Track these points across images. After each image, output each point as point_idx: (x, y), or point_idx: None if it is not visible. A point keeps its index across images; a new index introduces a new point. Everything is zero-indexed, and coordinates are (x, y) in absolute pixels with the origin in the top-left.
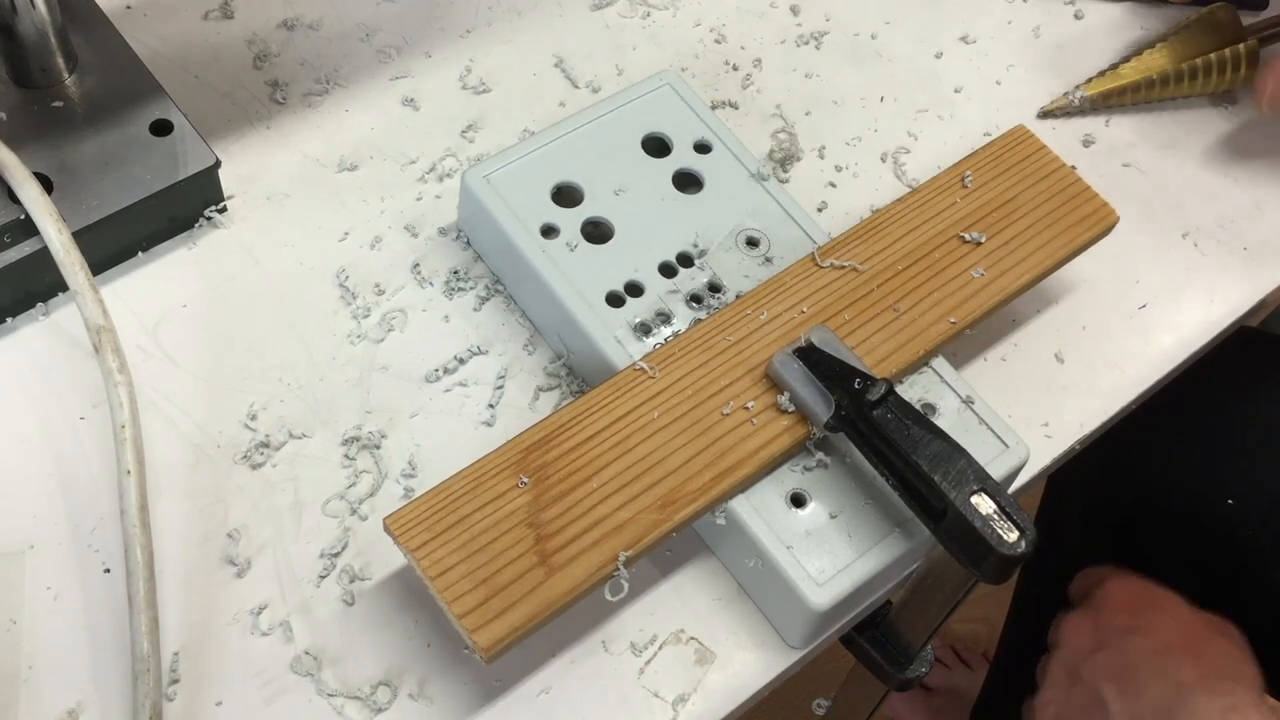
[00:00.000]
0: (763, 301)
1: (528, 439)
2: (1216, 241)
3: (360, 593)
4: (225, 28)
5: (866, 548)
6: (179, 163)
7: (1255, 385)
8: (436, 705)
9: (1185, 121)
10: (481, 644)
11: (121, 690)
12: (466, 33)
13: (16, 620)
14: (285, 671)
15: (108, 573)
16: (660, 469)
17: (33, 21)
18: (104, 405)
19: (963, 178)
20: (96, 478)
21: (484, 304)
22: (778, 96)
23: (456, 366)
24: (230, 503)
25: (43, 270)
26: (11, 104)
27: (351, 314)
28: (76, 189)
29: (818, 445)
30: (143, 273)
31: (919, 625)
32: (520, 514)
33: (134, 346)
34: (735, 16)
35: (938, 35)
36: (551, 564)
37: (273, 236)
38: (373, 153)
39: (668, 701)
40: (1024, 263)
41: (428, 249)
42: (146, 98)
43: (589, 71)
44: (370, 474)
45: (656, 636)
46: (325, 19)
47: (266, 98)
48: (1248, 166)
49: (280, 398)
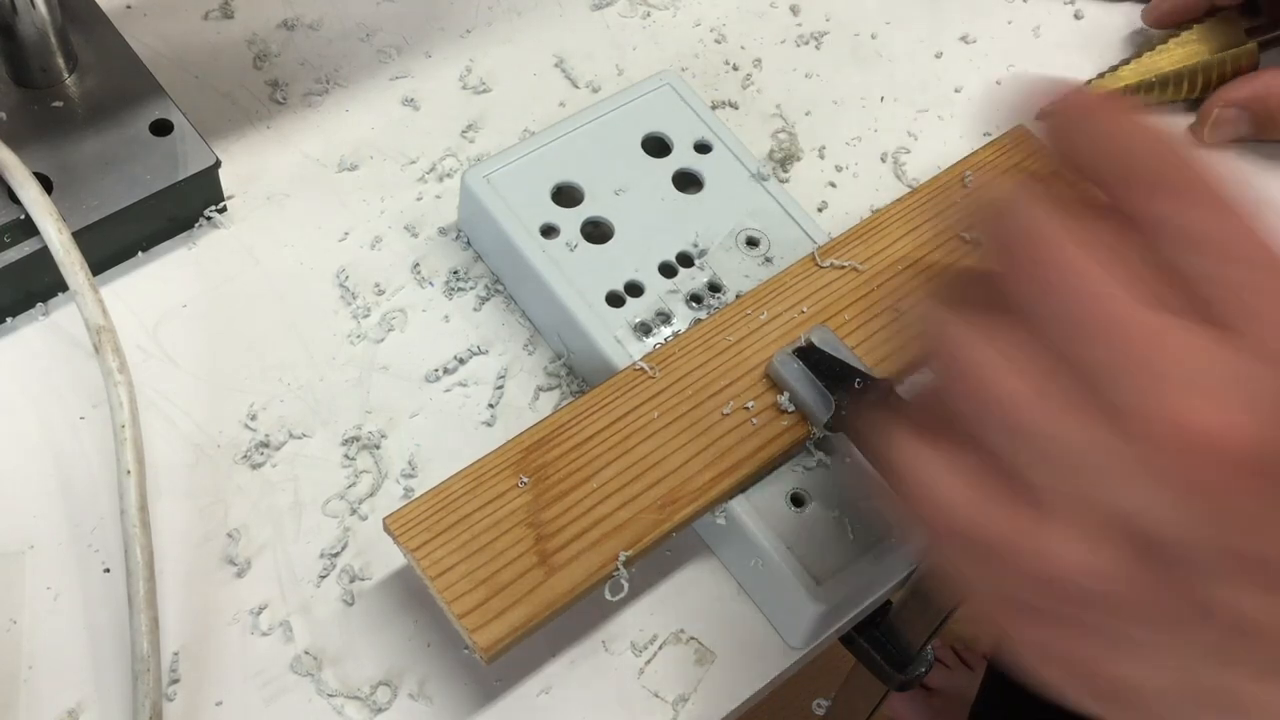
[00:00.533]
0: (763, 301)
1: (528, 439)
2: None
3: (360, 593)
4: (225, 28)
5: (866, 548)
6: (179, 163)
7: None
8: (436, 705)
9: (1185, 121)
10: (481, 644)
11: (121, 690)
12: (466, 33)
13: (16, 620)
14: (285, 671)
15: (108, 573)
16: (660, 469)
17: (33, 21)
18: (104, 405)
19: (963, 178)
20: (96, 478)
21: (484, 304)
22: (778, 96)
23: (456, 366)
24: (230, 503)
25: (43, 270)
26: (11, 104)
27: (351, 314)
28: (76, 189)
29: (818, 445)
30: (143, 273)
31: (919, 625)
32: (520, 514)
33: (134, 346)
34: (735, 16)
35: (938, 35)
36: (551, 564)
37: (273, 236)
38: (373, 153)
39: (668, 702)
40: None
41: (428, 249)
42: (146, 98)
43: (589, 71)
44: (370, 474)
45: (656, 636)
46: (325, 19)
47: (266, 98)
48: (1248, 167)
49: (280, 398)
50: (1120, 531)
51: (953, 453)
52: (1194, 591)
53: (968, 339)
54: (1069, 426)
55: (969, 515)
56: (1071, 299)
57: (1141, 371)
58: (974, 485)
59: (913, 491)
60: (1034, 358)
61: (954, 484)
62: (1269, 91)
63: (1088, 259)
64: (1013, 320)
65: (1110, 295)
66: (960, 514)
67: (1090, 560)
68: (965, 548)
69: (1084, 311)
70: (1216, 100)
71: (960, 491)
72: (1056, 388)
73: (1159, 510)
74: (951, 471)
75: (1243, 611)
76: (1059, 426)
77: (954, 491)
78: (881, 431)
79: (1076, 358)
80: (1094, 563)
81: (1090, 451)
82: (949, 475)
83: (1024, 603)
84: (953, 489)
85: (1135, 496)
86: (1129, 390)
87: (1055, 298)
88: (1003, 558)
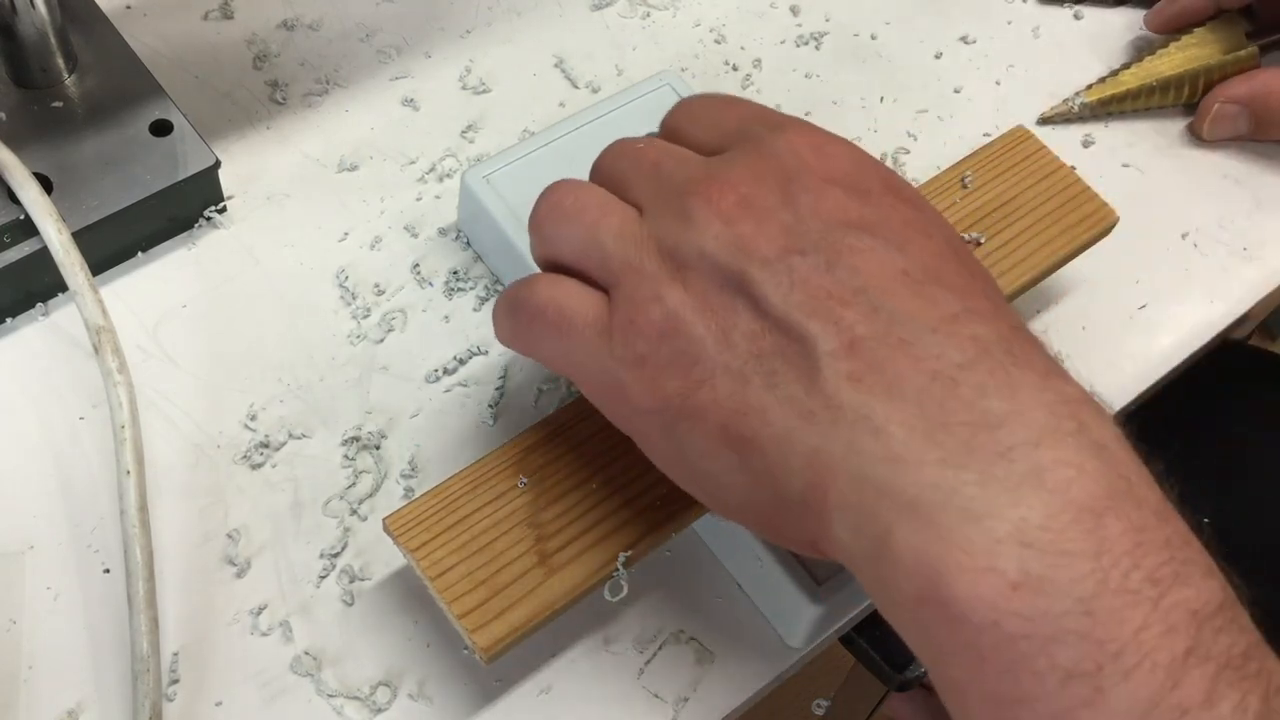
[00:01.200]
0: None
1: (528, 439)
2: (1216, 241)
3: (360, 593)
4: (225, 28)
5: None
6: (179, 163)
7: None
8: (436, 705)
9: (1185, 121)
10: (481, 644)
11: (121, 690)
12: (466, 33)
13: (16, 620)
14: (285, 671)
15: (108, 573)
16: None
17: (33, 21)
18: (104, 405)
19: (962, 178)
20: (96, 478)
21: (484, 304)
22: (778, 96)
23: (457, 366)
24: (230, 503)
25: (43, 270)
26: (11, 104)
27: (351, 314)
28: (76, 189)
29: None
30: (143, 273)
31: None
32: (520, 514)
33: (134, 346)
34: (735, 16)
35: (938, 35)
36: (551, 564)
37: (273, 236)
38: (373, 153)
39: (668, 702)
40: (1024, 263)
41: (428, 249)
42: (146, 98)
43: (589, 71)
44: (370, 474)
45: (656, 636)
46: (325, 19)
47: (266, 98)
48: (1248, 166)
49: (280, 398)
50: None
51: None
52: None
53: (616, 149)
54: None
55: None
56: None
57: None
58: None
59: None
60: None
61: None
62: (1269, 90)
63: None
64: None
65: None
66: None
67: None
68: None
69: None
70: (1216, 96)
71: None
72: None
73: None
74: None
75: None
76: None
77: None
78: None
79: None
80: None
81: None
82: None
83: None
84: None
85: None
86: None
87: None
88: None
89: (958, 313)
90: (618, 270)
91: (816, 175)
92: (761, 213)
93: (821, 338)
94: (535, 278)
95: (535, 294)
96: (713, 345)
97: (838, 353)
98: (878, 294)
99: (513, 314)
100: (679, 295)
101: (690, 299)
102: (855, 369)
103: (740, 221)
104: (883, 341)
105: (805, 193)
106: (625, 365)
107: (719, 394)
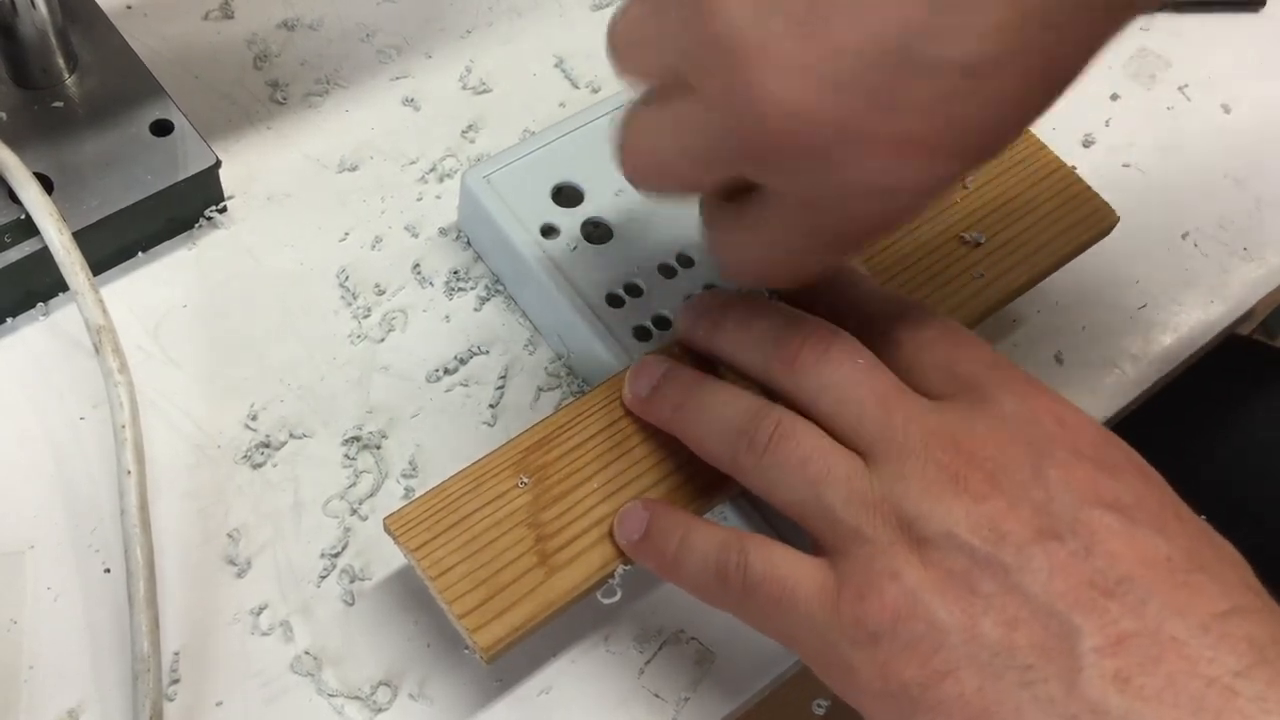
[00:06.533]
0: None
1: (528, 439)
2: (1216, 241)
3: (360, 593)
4: (225, 28)
5: None
6: (179, 163)
7: (1241, 395)
8: (436, 705)
9: (1186, 122)
10: (481, 644)
11: (121, 690)
12: (466, 33)
13: (16, 620)
14: (285, 671)
15: (108, 573)
16: (660, 469)
17: (33, 21)
18: (104, 405)
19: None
20: (96, 478)
21: (484, 304)
22: None
23: (457, 366)
24: (230, 503)
25: (43, 270)
26: (12, 104)
27: (352, 314)
28: (76, 189)
29: None
30: (143, 273)
31: None
32: (520, 514)
33: (134, 346)
34: None
35: None
36: (552, 564)
37: (273, 236)
38: (373, 153)
39: (668, 702)
40: (1024, 263)
41: (428, 249)
42: (146, 98)
43: (589, 71)
44: (371, 474)
45: (656, 636)
46: (325, 19)
47: (266, 98)
48: (1248, 166)
49: (280, 398)
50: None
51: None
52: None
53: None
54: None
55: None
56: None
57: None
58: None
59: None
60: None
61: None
62: None
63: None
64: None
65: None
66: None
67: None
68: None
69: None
70: None
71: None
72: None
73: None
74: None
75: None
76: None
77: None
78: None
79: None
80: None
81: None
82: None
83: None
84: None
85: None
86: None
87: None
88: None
89: (1227, 610)
90: (847, 537)
91: (1064, 448)
92: (1013, 489)
93: (1086, 632)
94: (743, 541)
95: (750, 568)
96: (958, 633)
97: (1103, 649)
98: (1143, 584)
99: (723, 584)
100: (918, 573)
101: (930, 578)
102: (1123, 668)
103: (990, 499)
104: (1153, 639)
105: (1055, 468)
106: (854, 645)
107: (965, 689)
